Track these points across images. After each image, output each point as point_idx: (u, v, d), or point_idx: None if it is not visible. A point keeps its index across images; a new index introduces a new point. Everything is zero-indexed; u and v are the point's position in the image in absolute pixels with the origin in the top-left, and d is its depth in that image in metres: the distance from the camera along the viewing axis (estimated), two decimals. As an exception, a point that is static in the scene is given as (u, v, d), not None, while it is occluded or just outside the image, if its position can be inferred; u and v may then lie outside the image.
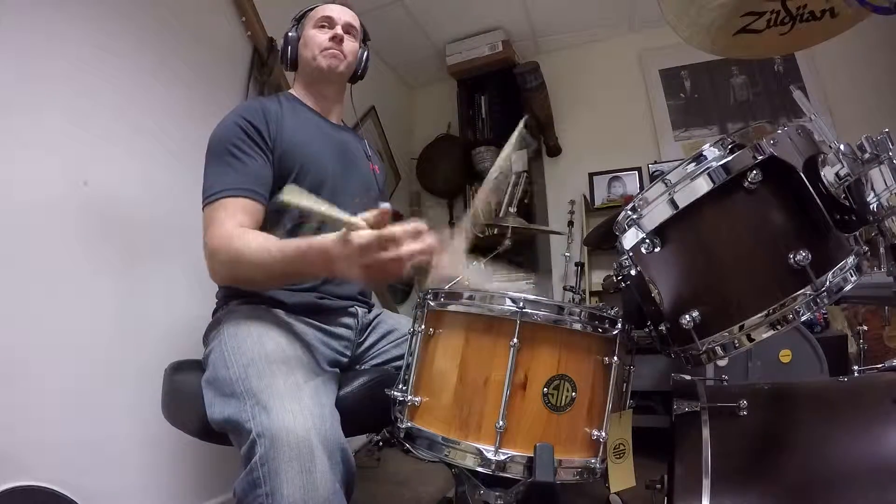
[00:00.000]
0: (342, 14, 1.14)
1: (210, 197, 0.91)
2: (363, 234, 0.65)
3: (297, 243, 0.77)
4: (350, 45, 1.13)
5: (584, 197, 2.66)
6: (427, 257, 0.71)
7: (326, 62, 1.09)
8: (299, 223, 0.99)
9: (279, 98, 1.10)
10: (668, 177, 0.69)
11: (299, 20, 1.17)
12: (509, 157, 0.93)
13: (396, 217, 0.69)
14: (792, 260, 0.61)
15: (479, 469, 0.67)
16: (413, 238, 0.68)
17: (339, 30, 1.11)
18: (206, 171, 0.96)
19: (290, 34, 1.15)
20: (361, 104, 2.52)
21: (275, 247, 0.80)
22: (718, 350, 0.68)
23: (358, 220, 0.66)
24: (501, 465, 0.66)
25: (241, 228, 0.87)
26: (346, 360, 1.03)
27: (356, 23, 1.17)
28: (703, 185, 0.65)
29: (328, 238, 0.71)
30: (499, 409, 0.66)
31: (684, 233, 0.68)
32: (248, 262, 0.82)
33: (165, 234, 1.41)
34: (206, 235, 0.90)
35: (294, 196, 0.62)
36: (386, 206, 0.66)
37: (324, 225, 0.70)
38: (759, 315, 0.64)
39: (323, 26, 1.11)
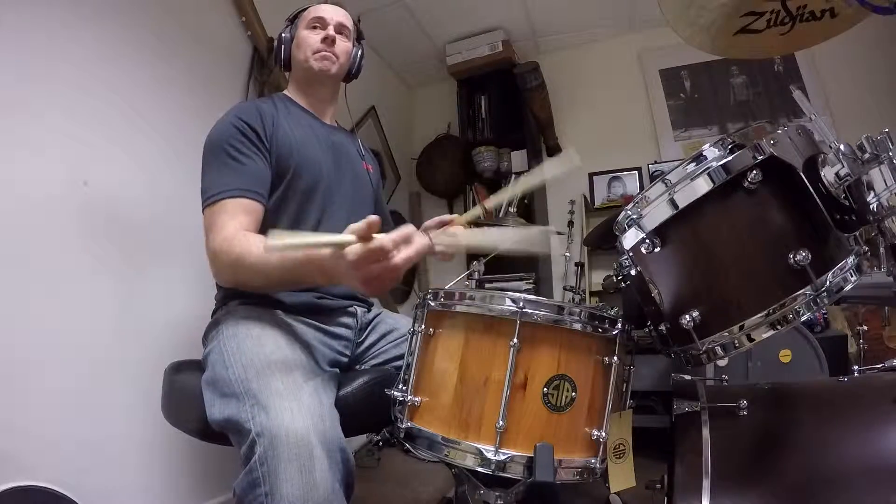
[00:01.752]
0: (334, 14, 1.14)
1: (210, 199, 0.91)
2: (354, 250, 0.65)
3: (296, 253, 0.76)
4: (342, 45, 1.13)
5: (584, 197, 2.66)
6: (420, 258, 0.71)
7: (318, 64, 1.09)
8: (298, 222, 0.99)
9: (273, 100, 1.11)
10: (668, 177, 0.69)
11: (292, 21, 1.17)
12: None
13: (396, 218, 0.69)
14: (792, 260, 0.61)
15: (479, 469, 0.67)
16: (404, 244, 0.67)
17: (330, 30, 1.11)
18: (205, 172, 0.96)
19: (283, 35, 1.15)
20: (361, 104, 2.52)
21: (275, 255, 0.80)
22: (718, 350, 0.68)
23: (347, 237, 0.66)
24: (501, 465, 0.66)
25: (242, 232, 0.87)
26: (345, 359, 1.03)
27: (349, 22, 1.17)
28: (703, 185, 0.65)
29: (324, 252, 0.71)
30: (499, 409, 0.66)
31: (684, 233, 0.68)
32: (249, 268, 0.82)
33: (165, 234, 1.41)
34: (208, 238, 0.90)
35: (279, 239, 0.62)
36: (374, 217, 0.65)
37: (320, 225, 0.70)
38: (759, 315, 0.63)
39: (315, 27, 1.12)
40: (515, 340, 0.67)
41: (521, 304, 0.68)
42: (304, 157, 1.03)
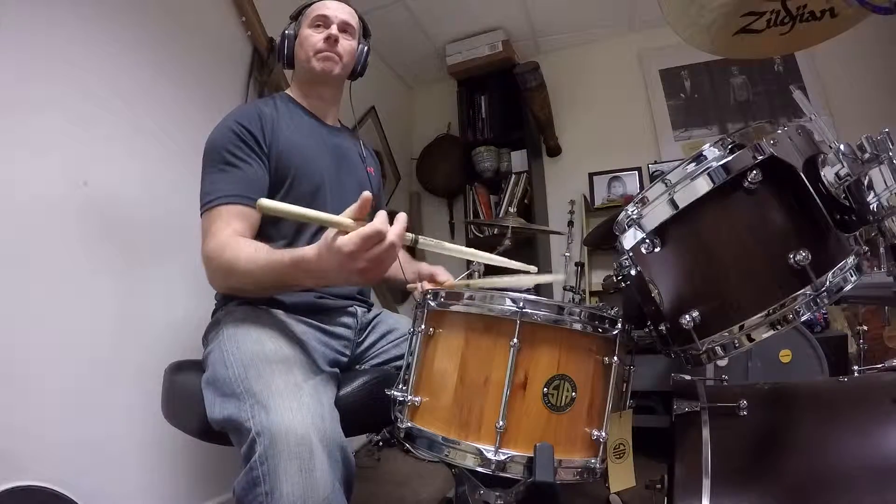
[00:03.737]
0: (338, 12, 1.11)
1: (206, 205, 0.92)
2: (348, 241, 0.65)
3: (283, 257, 0.76)
4: (346, 44, 1.11)
5: (584, 197, 2.67)
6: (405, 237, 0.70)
7: (320, 66, 1.08)
8: (298, 230, 1.00)
9: (275, 100, 1.10)
10: (668, 177, 0.68)
11: (296, 17, 1.15)
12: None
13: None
14: (792, 260, 0.61)
15: (479, 469, 0.67)
16: (389, 222, 0.67)
17: (333, 30, 1.08)
18: (203, 177, 0.96)
19: (286, 32, 1.13)
20: (361, 104, 2.52)
21: (263, 259, 0.80)
22: (718, 350, 0.68)
23: (342, 219, 0.65)
24: (501, 465, 0.66)
25: (234, 237, 0.87)
26: (345, 359, 1.03)
27: (353, 20, 1.14)
28: (703, 185, 0.65)
29: (313, 251, 0.71)
30: (499, 409, 0.66)
31: (684, 233, 0.68)
32: (239, 273, 0.83)
33: (165, 234, 1.41)
34: (202, 244, 0.90)
35: (273, 204, 0.62)
36: (366, 193, 0.65)
37: (321, 231, 0.70)
38: (759, 315, 0.63)
39: (318, 26, 1.09)
40: (515, 340, 0.67)
41: (521, 304, 0.68)
42: (305, 161, 1.02)
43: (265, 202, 0.63)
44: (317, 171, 1.04)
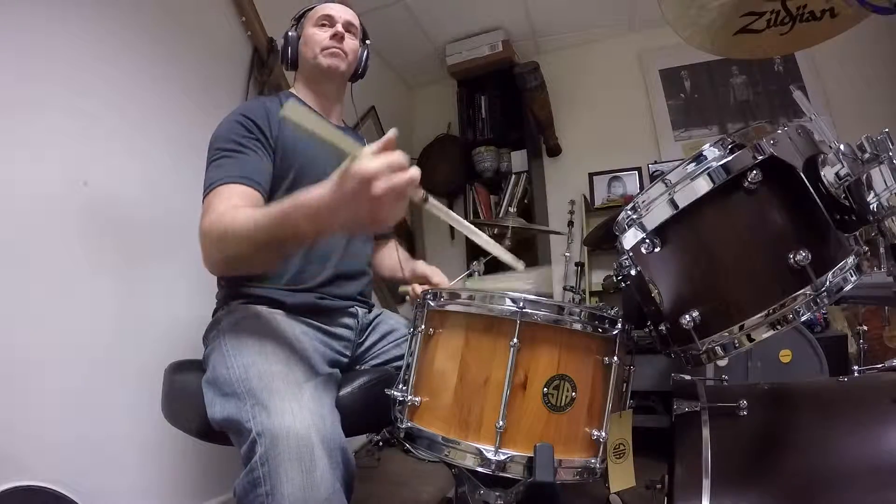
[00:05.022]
0: (342, 13, 1.14)
1: (208, 188, 0.90)
2: (370, 162, 0.59)
3: (282, 204, 0.70)
4: (351, 43, 1.13)
5: (584, 197, 2.67)
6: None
7: (328, 61, 1.09)
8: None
9: (280, 98, 1.10)
10: (668, 177, 0.69)
11: (299, 19, 1.17)
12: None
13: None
14: (792, 260, 0.61)
15: (479, 469, 0.67)
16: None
17: (339, 28, 1.11)
18: (207, 166, 0.95)
19: (290, 33, 1.15)
20: (361, 104, 2.52)
21: (260, 213, 0.74)
22: (718, 350, 0.68)
23: (364, 149, 0.60)
24: (501, 465, 0.66)
25: (234, 208, 0.83)
26: (346, 360, 1.03)
27: (356, 21, 1.17)
28: (703, 185, 0.65)
29: (319, 186, 0.66)
30: (499, 408, 0.66)
31: (684, 233, 0.68)
32: (235, 236, 0.76)
33: (165, 234, 1.41)
34: (200, 223, 0.86)
35: (296, 113, 0.58)
36: (392, 131, 0.60)
37: None
38: (759, 315, 0.63)
39: (323, 25, 1.12)
40: (515, 340, 0.67)
41: (521, 304, 0.68)
42: (309, 157, 1.03)
43: (289, 109, 0.58)
44: (320, 168, 1.03)
